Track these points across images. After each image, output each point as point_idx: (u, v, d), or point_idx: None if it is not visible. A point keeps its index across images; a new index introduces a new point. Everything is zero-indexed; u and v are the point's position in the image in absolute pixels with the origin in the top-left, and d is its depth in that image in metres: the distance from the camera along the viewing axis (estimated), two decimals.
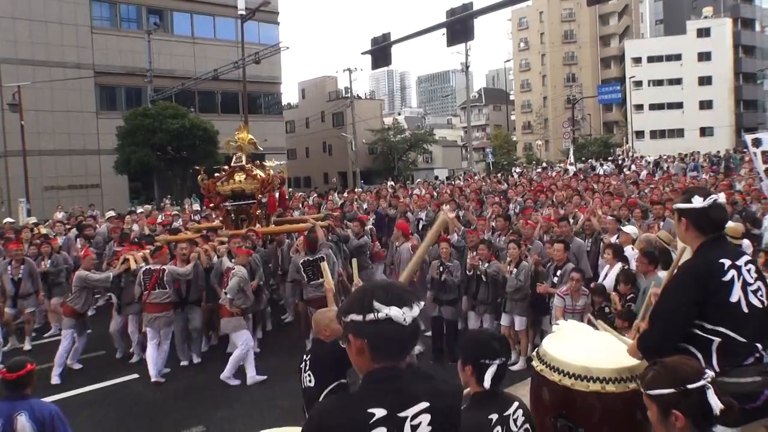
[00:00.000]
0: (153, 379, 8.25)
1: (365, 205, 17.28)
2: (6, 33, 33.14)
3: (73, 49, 35.44)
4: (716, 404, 2.02)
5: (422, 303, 1.92)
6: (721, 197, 3.17)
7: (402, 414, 1.77)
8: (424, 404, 1.80)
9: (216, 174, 11.68)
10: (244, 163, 11.58)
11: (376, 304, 1.78)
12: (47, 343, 10.54)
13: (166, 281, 8.57)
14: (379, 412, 1.74)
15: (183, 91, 34.17)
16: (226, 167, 11.81)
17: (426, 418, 1.79)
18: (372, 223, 13.54)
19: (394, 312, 1.77)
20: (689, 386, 2.05)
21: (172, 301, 8.71)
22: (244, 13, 28.53)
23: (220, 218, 11.81)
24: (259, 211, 11.86)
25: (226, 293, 8.34)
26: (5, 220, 17.83)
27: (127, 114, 30.95)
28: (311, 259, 9.23)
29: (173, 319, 8.79)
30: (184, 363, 9.17)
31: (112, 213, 18.05)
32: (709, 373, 2.10)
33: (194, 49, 40.18)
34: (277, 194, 12.08)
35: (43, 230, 14.31)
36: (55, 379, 8.46)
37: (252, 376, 8.20)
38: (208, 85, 36.59)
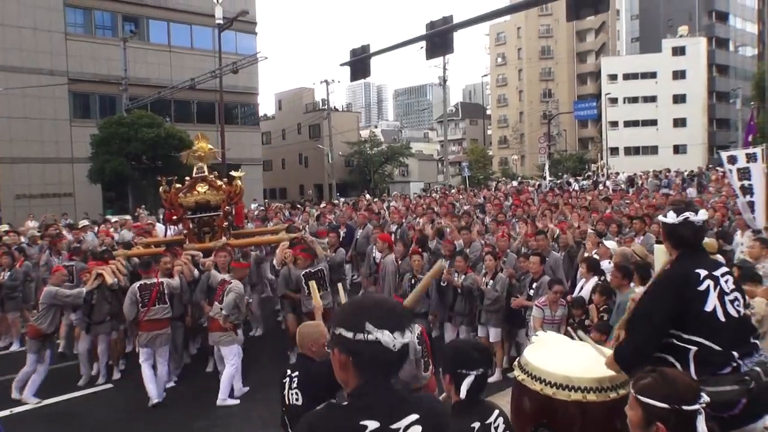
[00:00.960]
0: (154, 401, 7.80)
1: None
2: None
3: (47, 55, 34.87)
4: (702, 430, 2.06)
5: (417, 328, 1.93)
6: (701, 214, 3.21)
7: (394, 426, 1.76)
8: (415, 416, 1.80)
9: (177, 185, 10.88)
10: (206, 173, 10.88)
11: (368, 326, 1.75)
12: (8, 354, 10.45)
13: (166, 295, 8.17)
14: (372, 425, 1.74)
15: (159, 100, 33.84)
16: (187, 178, 11.07)
17: (417, 429, 1.79)
18: (342, 235, 13.56)
19: (385, 337, 1.75)
20: (684, 407, 2.07)
21: (171, 316, 8.27)
22: (221, 22, 28.37)
23: (184, 231, 11.03)
24: (225, 223, 11.25)
25: (221, 308, 7.96)
26: None
27: (102, 122, 30.59)
28: (312, 271, 9.13)
29: (170, 336, 8.32)
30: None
31: (85, 222, 17.86)
32: (705, 398, 2.11)
33: (170, 58, 39.84)
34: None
35: (22, 239, 14.03)
36: (15, 394, 8.04)
37: (239, 388, 8.08)
38: (185, 94, 36.02)
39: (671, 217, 3.15)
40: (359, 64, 18.41)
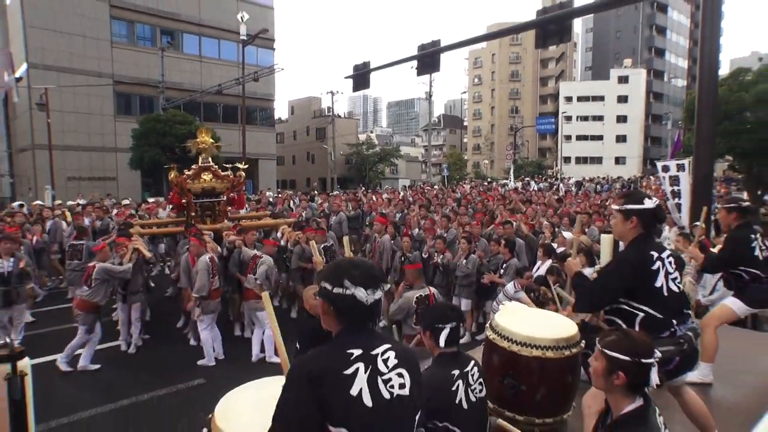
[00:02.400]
0: (221, 357, 7.73)
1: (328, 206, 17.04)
2: (35, 41, 32.01)
3: (95, 60, 34.43)
4: (654, 380, 2.10)
5: (387, 286, 1.98)
6: (653, 202, 3.21)
7: (374, 352, 1.83)
8: (388, 345, 1.88)
9: (187, 172, 10.57)
10: (210, 163, 10.65)
11: (346, 282, 1.82)
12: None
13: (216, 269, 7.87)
14: (356, 351, 1.79)
15: (190, 102, 33.54)
16: (194, 166, 10.70)
17: (392, 353, 1.86)
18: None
19: (359, 293, 1.81)
20: (643, 360, 2.11)
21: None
22: (245, 38, 28.29)
23: (192, 213, 10.49)
24: (229, 208, 11.11)
25: (255, 278, 7.88)
26: (35, 202, 17.53)
27: (141, 119, 30.29)
28: (327, 245, 9.30)
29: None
30: (193, 343, 8.44)
31: (127, 202, 17.77)
32: (658, 354, 2.16)
33: (201, 67, 39.46)
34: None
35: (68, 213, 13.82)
36: (63, 367, 7.33)
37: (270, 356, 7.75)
38: (212, 98, 36.07)
39: (648, 203, 3.13)
40: (360, 77, 18.36)
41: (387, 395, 1.78)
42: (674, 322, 3.00)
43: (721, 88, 11.60)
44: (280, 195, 24.33)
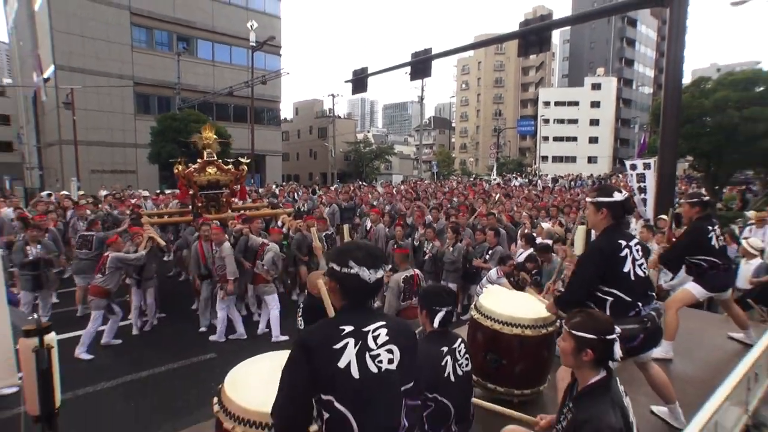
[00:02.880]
0: (244, 336, 7.61)
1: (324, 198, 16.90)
2: (62, 45, 31.80)
3: (117, 63, 34.21)
4: (618, 353, 2.11)
5: (388, 267, 1.97)
6: (623, 195, 3.21)
7: (365, 329, 1.82)
8: (382, 322, 1.86)
9: (193, 166, 10.28)
10: (214, 158, 10.42)
11: (351, 263, 1.84)
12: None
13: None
14: (348, 328, 1.80)
15: (204, 102, 33.33)
16: (199, 160, 10.40)
17: (384, 330, 1.84)
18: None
19: (362, 272, 1.84)
20: (607, 337, 2.12)
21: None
22: (254, 44, 28.14)
23: (199, 204, 10.21)
24: (234, 198, 10.91)
25: (263, 264, 7.75)
26: (61, 192, 17.42)
27: (159, 117, 30.07)
28: (328, 233, 9.28)
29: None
30: (202, 329, 8.15)
31: (146, 193, 17.66)
32: (618, 330, 2.18)
33: (214, 70, 39.21)
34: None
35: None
36: (83, 356, 6.93)
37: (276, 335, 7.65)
38: (224, 99, 35.95)
39: (617, 196, 3.12)
40: (359, 81, 18.27)
41: (374, 369, 1.78)
42: (640, 303, 3.00)
43: (683, 95, 11.61)
44: (282, 188, 24.18)
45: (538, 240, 8.08)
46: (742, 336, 4.70)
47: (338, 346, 1.76)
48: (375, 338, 1.82)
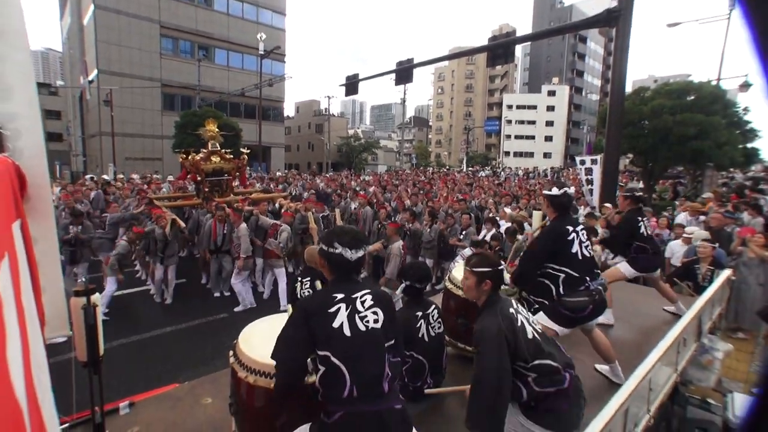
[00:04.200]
0: (249, 305, 7.38)
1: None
2: (104, 53, 31.98)
3: (147, 67, 33.92)
4: (506, 279, 2.20)
5: (368, 247, 1.94)
6: (571, 190, 3.19)
7: (354, 296, 1.84)
8: (367, 290, 1.88)
9: (199, 155, 9.98)
10: (218, 148, 10.17)
11: (336, 244, 1.86)
12: None
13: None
14: (339, 295, 1.82)
15: (220, 102, 32.89)
16: (204, 149, 10.05)
17: (369, 297, 1.86)
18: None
19: (345, 252, 1.86)
20: (498, 267, 2.24)
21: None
22: (262, 53, 27.67)
23: (205, 189, 9.92)
24: (236, 183, 10.62)
25: (278, 242, 7.52)
26: (102, 176, 17.20)
27: (182, 114, 29.61)
28: (325, 215, 9.14)
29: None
30: (216, 294, 8.11)
31: (171, 178, 17.36)
32: (503, 263, 2.32)
33: (228, 74, 38.56)
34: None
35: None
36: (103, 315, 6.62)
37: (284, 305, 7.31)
38: (237, 99, 35.58)
39: (555, 191, 3.09)
40: (351, 85, 17.94)
41: (363, 328, 1.79)
42: (587, 279, 2.97)
43: (626, 102, 11.59)
44: (280, 175, 23.78)
45: (501, 222, 8.06)
46: (674, 309, 4.73)
47: (332, 309, 1.78)
48: (362, 302, 1.83)
